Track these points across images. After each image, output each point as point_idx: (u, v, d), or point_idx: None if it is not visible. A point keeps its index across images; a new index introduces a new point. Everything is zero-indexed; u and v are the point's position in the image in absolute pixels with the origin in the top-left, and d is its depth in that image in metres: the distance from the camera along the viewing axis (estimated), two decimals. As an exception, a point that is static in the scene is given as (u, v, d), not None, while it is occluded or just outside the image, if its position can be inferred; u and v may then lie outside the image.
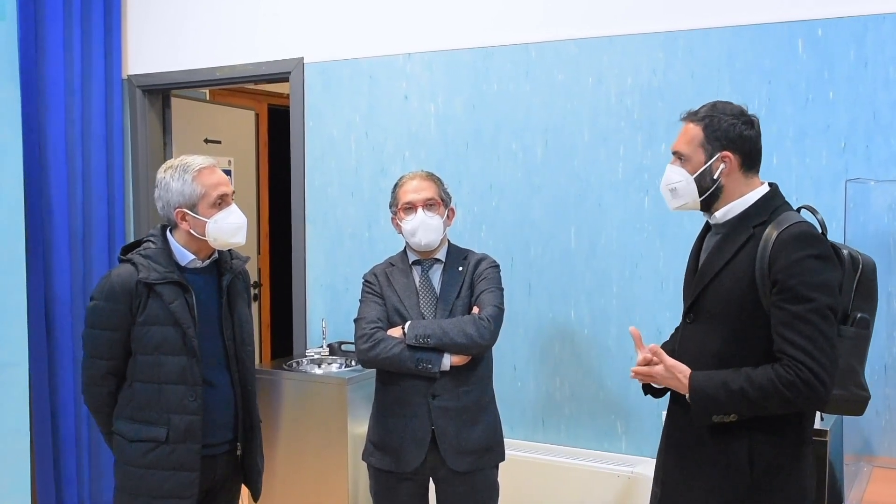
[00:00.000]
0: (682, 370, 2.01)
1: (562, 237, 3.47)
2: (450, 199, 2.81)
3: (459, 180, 3.63)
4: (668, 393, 2.24)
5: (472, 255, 2.81)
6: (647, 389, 2.27)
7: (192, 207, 2.46)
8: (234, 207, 2.51)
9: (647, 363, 2.09)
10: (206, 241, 2.49)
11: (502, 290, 2.75)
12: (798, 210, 2.11)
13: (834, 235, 2.95)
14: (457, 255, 2.80)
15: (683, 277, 2.27)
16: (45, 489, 3.87)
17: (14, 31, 3.60)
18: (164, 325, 2.43)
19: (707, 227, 2.21)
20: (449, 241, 2.83)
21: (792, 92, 3.06)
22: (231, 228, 2.49)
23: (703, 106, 2.12)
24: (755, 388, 1.90)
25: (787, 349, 1.89)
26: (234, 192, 2.55)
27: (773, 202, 2.06)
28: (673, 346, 2.23)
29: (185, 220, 2.47)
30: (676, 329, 2.36)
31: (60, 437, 3.97)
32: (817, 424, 2.69)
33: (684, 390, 2.01)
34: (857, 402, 2.08)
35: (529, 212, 3.54)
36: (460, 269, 2.75)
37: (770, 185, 2.11)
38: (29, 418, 3.65)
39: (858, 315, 2.05)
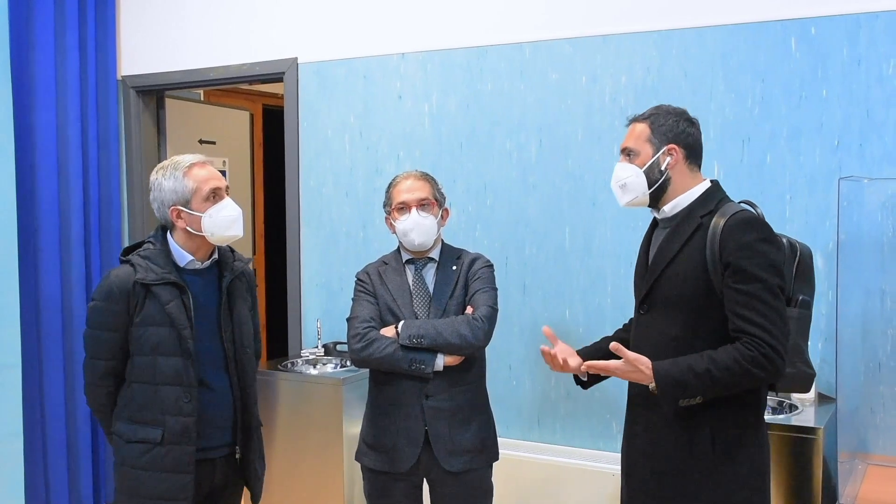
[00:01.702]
0: (644, 361, 2.07)
1: (556, 236, 3.47)
2: (444, 199, 2.78)
3: (454, 179, 3.63)
4: (598, 384, 2.35)
5: (465, 255, 2.78)
6: (578, 381, 2.38)
7: (186, 204, 2.44)
8: (228, 201, 2.49)
9: (564, 356, 2.24)
10: (204, 238, 2.47)
11: (496, 289, 2.73)
12: (738, 203, 2.20)
13: (827, 233, 2.98)
14: (450, 254, 2.78)
15: (634, 273, 2.33)
16: (33, 492, 3.85)
17: (5, 31, 3.58)
18: (161, 326, 2.41)
19: (654, 224, 2.30)
20: (443, 240, 2.81)
21: (785, 90, 3.06)
22: (226, 221, 2.47)
23: (648, 108, 2.24)
24: (720, 368, 1.98)
25: (745, 327, 1.98)
26: (228, 187, 2.53)
27: (716, 195, 2.17)
28: (627, 340, 2.29)
29: (181, 218, 2.45)
30: (624, 326, 2.47)
31: (50, 439, 3.95)
32: (810, 422, 2.71)
33: (648, 380, 2.06)
34: (804, 378, 2.20)
35: (524, 211, 3.54)
36: (454, 268, 2.73)
37: (712, 181, 2.21)
38: (22, 420, 3.64)
39: (800, 297, 2.17)
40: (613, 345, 2.09)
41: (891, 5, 2.90)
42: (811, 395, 2.90)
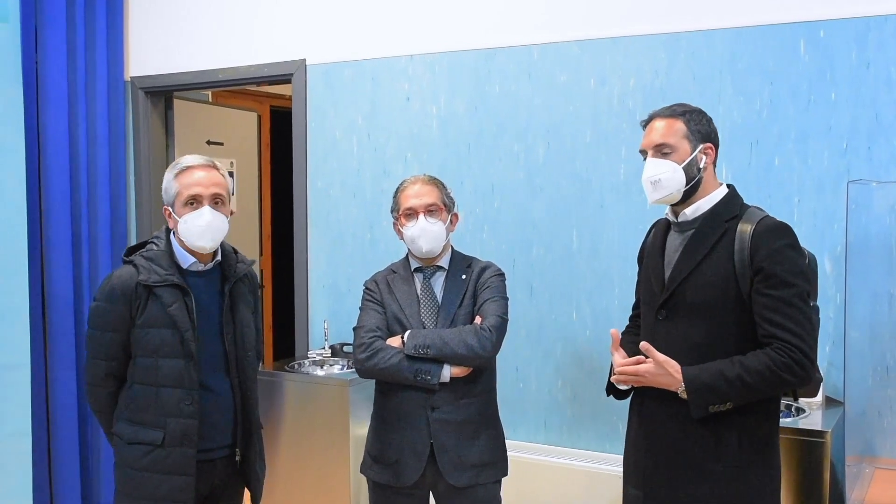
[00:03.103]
0: (674, 365, 2.06)
1: (563, 238, 3.47)
2: (453, 203, 2.71)
3: (461, 181, 3.63)
4: (632, 394, 2.28)
5: (476, 263, 2.70)
6: (611, 390, 2.33)
7: (172, 206, 2.45)
8: (205, 210, 2.41)
9: (638, 363, 2.14)
10: None
11: (507, 299, 2.64)
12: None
13: (836, 237, 2.98)
14: (460, 262, 2.70)
15: (643, 277, 2.31)
16: (40, 492, 3.85)
17: (17, 33, 3.60)
18: (163, 328, 2.40)
19: (665, 227, 2.27)
20: (452, 247, 2.74)
21: (794, 93, 3.05)
22: (196, 230, 2.41)
23: (670, 106, 2.20)
24: (752, 374, 1.98)
25: (777, 333, 1.98)
26: (217, 195, 2.44)
27: (737, 200, 2.18)
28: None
29: (171, 219, 2.47)
30: (628, 329, 2.44)
31: (57, 439, 3.95)
32: (818, 426, 2.71)
33: (676, 385, 2.05)
34: (813, 383, 2.26)
35: (531, 213, 3.54)
36: (463, 277, 2.65)
37: (728, 185, 2.21)
38: (31, 420, 3.65)
39: (812, 303, 2.15)
40: (644, 345, 2.08)
41: (900, 8, 2.90)
42: (819, 398, 2.89)
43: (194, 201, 2.42)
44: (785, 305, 1.98)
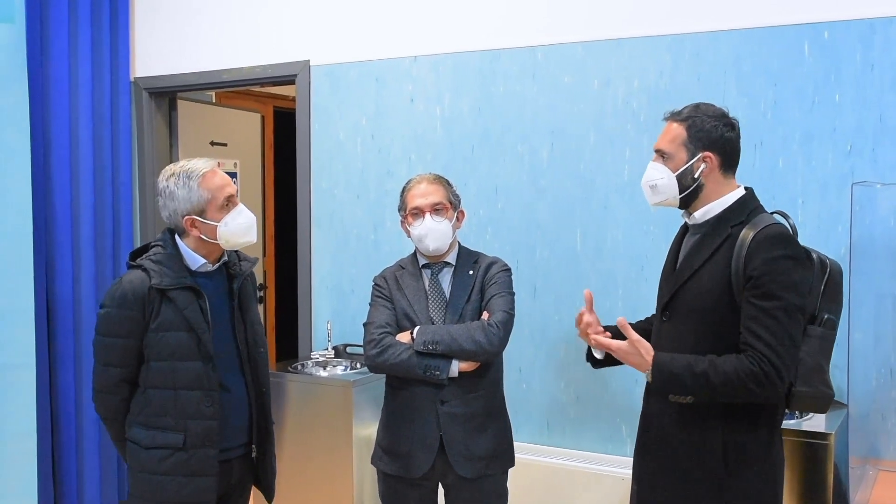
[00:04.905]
0: (647, 347, 2.07)
1: (568, 239, 3.47)
2: (459, 201, 2.76)
3: (465, 182, 3.63)
4: (609, 367, 2.33)
5: (483, 259, 2.76)
6: (590, 356, 2.36)
7: (201, 213, 2.44)
8: (241, 207, 2.50)
9: (588, 324, 2.25)
10: (216, 244, 2.47)
11: (513, 294, 2.70)
12: (771, 214, 2.17)
13: (840, 239, 2.98)
14: (467, 258, 2.75)
15: (660, 277, 2.31)
16: (43, 492, 3.86)
17: (22, 34, 3.61)
18: (178, 331, 2.41)
19: (685, 229, 2.27)
20: (459, 243, 2.79)
21: (798, 95, 3.05)
22: (242, 228, 2.48)
23: (687, 107, 2.18)
24: (718, 374, 1.97)
25: (752, 342, 1.97)
26: (237, 191, 2.54)
27: (749, 204, 2.14)
28: (649, 332, 2.27)
29: (195, 227, 2.45)
30: (647, 319, 2.44)
31: (61, 440, 3.96)
32: (821, 428, 2.71)
33: (644, 367, 2.06)
34: (823, 399, 2.14)
35: (535, 214, 3.54)
36: (470, 272, 2.71)
37: (746, 188, 2.17)
38: (36, 420, 3.66)
39: (826, 316, 2.12)
40: (620, 321, 2.09)
41: (905, 10, 2.89)
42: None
43: (229, 202, 2.48)
44: (766, 317, 1.96)
